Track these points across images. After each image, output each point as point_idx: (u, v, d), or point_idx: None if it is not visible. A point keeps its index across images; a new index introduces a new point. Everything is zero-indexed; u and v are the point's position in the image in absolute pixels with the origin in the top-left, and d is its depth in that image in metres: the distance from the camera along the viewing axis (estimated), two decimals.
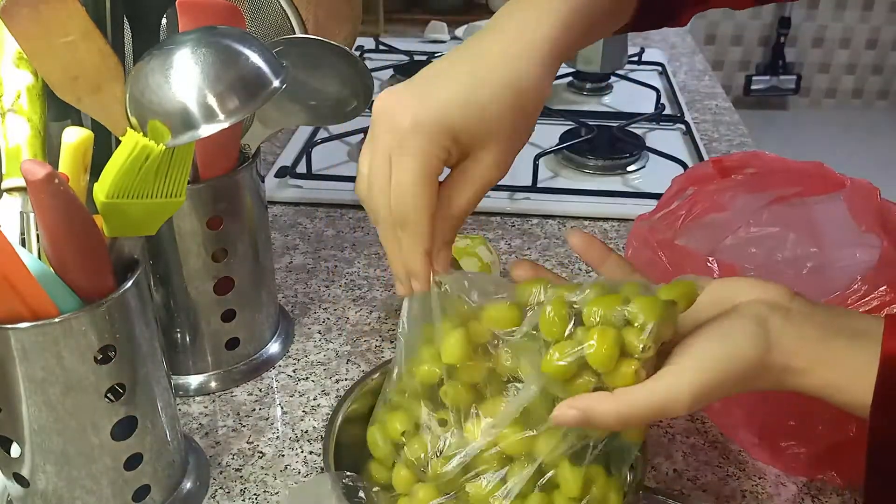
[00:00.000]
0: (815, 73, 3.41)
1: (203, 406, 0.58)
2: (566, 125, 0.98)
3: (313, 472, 0.53)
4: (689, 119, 1.04)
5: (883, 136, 3.26)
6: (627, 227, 0.81)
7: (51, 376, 0.41)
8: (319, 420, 0.57)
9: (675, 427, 0.57)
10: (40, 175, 0.36)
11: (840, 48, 3.36)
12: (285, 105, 0.57)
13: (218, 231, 0.55)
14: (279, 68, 0.43)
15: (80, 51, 0.45)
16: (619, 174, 0.91)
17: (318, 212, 0.83)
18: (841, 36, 3.33)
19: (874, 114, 3.46)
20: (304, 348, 0.64)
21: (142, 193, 0.41)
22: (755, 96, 3.39)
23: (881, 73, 3.41)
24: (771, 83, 3.34)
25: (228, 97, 0.41)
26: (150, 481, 0.48)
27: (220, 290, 0.57)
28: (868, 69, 3.40)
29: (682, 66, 1.28)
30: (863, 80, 3.42)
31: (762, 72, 3.34)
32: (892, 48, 3.35)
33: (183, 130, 0.40)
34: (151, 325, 0.46)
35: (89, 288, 0.42)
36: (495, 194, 0.85)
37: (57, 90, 0.47)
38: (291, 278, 0.72)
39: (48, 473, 0.44)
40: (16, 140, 0.47)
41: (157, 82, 0.41)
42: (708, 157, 0.94)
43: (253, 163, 0.57)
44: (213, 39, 0.42)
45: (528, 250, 0.77)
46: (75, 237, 0.40)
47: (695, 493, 0.52)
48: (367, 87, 0.56)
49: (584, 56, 1.07)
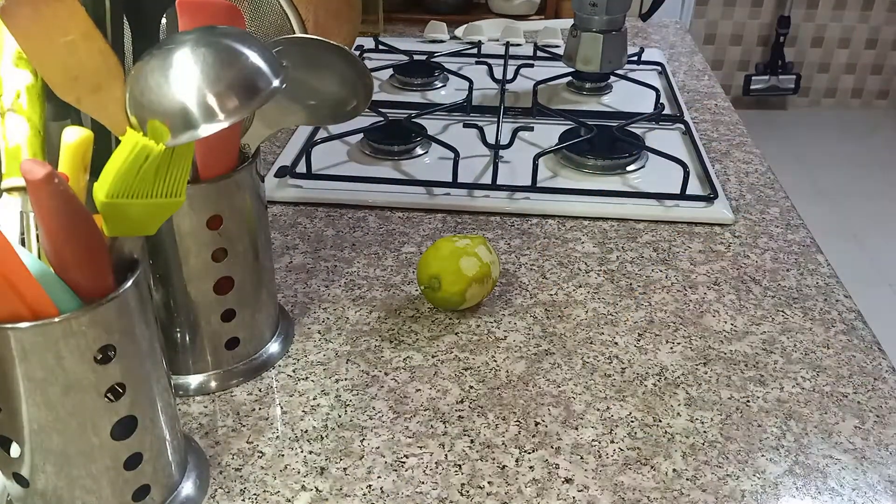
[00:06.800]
0: (814, 73, 3.42)
1: (203, 406, 0.58)
2: (565, 125, 0.98)
3: (313, 471, 0.53)
4: (689, 119, 1.04)
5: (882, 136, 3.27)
6: (627, 227, 0.81)
7: (50, 376, 0.41)
8: (319, 420, 0.57)
9: (674, 427, 0.57)
10: (40, 175, 0.36)
11: (839, 48, 3.36)
12: (285, 105, 0.57)
13: (218, 231, 0.55)
14: (279, 68, 0.43)
15: (79, 51, 0.45)
16: (619, 174, 0.91)
17: (318, 211, 0.83)
18: (840, 36, 3.33)
19: (874, 113, 3.46)
20: (303, 348, 0.64)
21: (142, 193, 0.41)
22: (754, 96, 3.39)
23: (881, 73, 3.41)
24: (770, 83, 3.34)
25: (228, 97, 0.41)
26: (149, 481, 0.48)
27: (220, 289, 0.57)
28: (867, 69, 3.40)
29: (682, 65, 1.28)
30: (862, 79, 3.43)
31: (762, 71, 3.34)
32: (891, 48, 3.35)
33: (183, 130, 0.40)
34: (151, 325, 0.46)
35: (89, 288, 0.42)
36: (495, 194, 0.85)
37: (56, 90, 0.47)
38: (291, 278, 0.72)
39: (48, 473, 0.44)
40: (15, 140, 0.47)
41: (157, 82, 0.41)
42: (707, 157, 0.94)
43: (253, 162, 0.57)
44: (212, 39, 0.42)
45: (528, 250, 0.77)
46: (75, 237, 0.40)
47: (694, 493, 0.52)
48: (366, 86, 0.56)
49: (583, 56, 1.07)
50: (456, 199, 0.84)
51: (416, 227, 0.81)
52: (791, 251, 0.78)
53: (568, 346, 0.65)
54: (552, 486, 0.52)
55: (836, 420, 0.58)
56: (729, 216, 0.83)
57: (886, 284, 2.39)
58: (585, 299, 0.70)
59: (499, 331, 0.66)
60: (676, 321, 0.68)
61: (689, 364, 0.63)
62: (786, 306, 0.70)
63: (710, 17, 3.30)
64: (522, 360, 0.63)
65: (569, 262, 0.76)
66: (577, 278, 0.73)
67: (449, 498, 0.51)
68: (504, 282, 0.72)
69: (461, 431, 0.56)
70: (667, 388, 0.60)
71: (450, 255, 0.66)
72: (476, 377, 0.61)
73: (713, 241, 0.80)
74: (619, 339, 0.66)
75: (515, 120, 1.02)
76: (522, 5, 1.46)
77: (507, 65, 1.19)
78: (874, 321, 0.80)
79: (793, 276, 0.74)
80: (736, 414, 0.58)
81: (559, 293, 0.71)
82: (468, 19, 1.39)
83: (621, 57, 1.08)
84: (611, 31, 1.05)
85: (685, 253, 0.78)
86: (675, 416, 0.58)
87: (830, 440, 0.56)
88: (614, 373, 0.62)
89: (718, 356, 0.64)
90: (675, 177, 0.86)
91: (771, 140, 3.18)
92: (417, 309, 0.68)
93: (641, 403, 0.59)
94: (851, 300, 0.71)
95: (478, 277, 0.65)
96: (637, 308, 0.69)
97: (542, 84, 1.09)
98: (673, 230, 0.81)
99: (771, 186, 0.91)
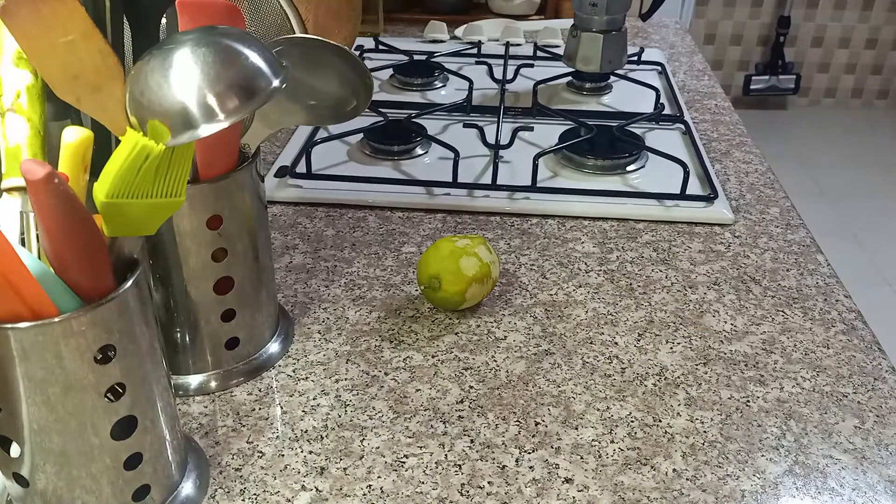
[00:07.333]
0: (814, 73, 3.42)
1: (203, 406, 0.58)
2: (565, 125, 0.98)
3: (313, 471, 0.53)
4: (689, 119, 1.04)
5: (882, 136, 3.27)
6: (627, 227, 0.81)
7: (50, 376, 0.41)
8: (319, 420, 0.57)
9: (674, 427, 0.57)
10: (40, 175, 0.36)
11: (839, 48, 3.36)
12: (285, 105, 0.57)
13: (218, 231, 0.55)
14: (279, 68, 0.43)
15: (79, 50, 0.45)
16: (619, 174, 0.91)
17: (318, 211, 0.83)
18: (840, 35, 3.33)
19: (873, 113, 3.46)
20: (303, 348, 0.64)
21: (141, 193, 0.41)
22: (754, 96, 3.39)
23: (881, 73, 3.41)
24: (770, 83, 3.34)
25: (228, 97, 0.41)
26: (149, 481, 0.48)
27: (220, 289, 0.57)
28: (867, 69, 3.40)
29: (682, 65, 1.28)
30: (862, 79, 3.43)
31: (761, 71, 3.34)
32: (891, 48, 3.35)
33: (182, 130, 0.40)
34: (151, 325, 0.46)
35: (89, 288, 0.42)
36: (495, 194, 0.85)
37: (56, 90, 0.47)
38: (291, 278, 0.72)
39: (48, 473, 0.44)
40: (15, 140, 0.47)
41: (157, 82, 0.41)
42: (707, 157, 0.94)
43: (252, 162, 0.57)
44: (212, 39, 0.42)
45: (528, 250, 0.77)
46: (75, 237, 0.40)
47: (694, 493, 0.52)
48: (366, 86, 0.56)
49: (583, 56, 1.07)
50: (456, 199, 0.84)
51: (416, 227, 0.81)
52: (791, 251, 0.78)
53: (568, 346, 0.65)
54: (552, 486, 0.52)
55: (836, 420, 0.58)
56: (729, 216, 0.83)
57: (886, 284, 2.39)
58: (585, 299, 0.70)
59: (499, 331, 0.66)
60: (676, 321, 0.68)
61: (689, 364, 0.63)
62: (786, 306, 0.70)
63: (710, 17, 3.30)
64: (522, 360, 0.63)
65: (569, 262, 0.76)
66: (577, 278, 0.73)
67: (449, 498, 0.51)
68: (504, 282, 0.72)
69: (461, 431, 0.56)
70: (667, 388, 0.60)
71: (450, 255, 0.66)
72: (476, 377, 0.61)
73: (713, 240, 0.80)
74: (619, 339, 0.66)
75: (515, 120, 1.02)
76: (522, 5, 1.46)
77: (507, 65, 1.19)
78: (874, 321, 0.80)
79: (793, 276, 0.74)
80: (736, 414, 0.58)
81: (559, 293, 0.71)
82: (468, 19, 1.39)
83: (621, 57, 1.08)
84: (611, 31, 1.05)
85: (685, 253, 0.78)
86: (675, 416, 0.58)
87: (830, 440, 0.56)
88: (614, 373, 0.62)
89: (718, 356, 0.64)
90: (675, 177, 0.86)
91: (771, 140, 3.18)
92: (417, 309, 0.68)
93: (641, 403, 0.59)
94: (851, 300, 0.71)
95: (478, 277, 0.65)
96: (637, 308, 0.69)
97: (542, 84, 1.09)
98: (673, 230, 0.81)
99: (771, 186, 0.91)
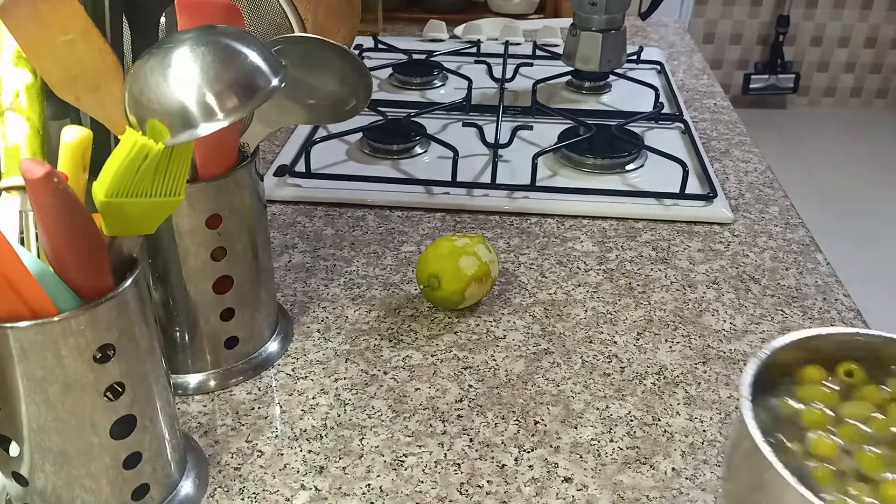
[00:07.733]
0: (813, 72, 3.42)
1: (202, 405, 0.58)
2: (565, 124, 0.98)
3: (312, 470, 0.53)
4: (688, 118, 1.04)
5: (882, 135, 3.27)
6: (626, 226, 0.82)
7: (50, 375, 0.41)
8: (318, 419, 0.57)
9: (673, 426, 0.57)
10: (39, 174, 0.36)
11: (839, 47, 3.36)
12: (284, 104, 0.57)
13: (217, 230, 0.55)
14: (278, 67, 0.43)
15: (79, 50, 0.45)
16: (618, 173, 0.91)
17: (317, 210, 0.83)
18: (840, 35, 3.33)
19: (873, 112, 3.46)
20: (302, 347, 0.64)
21: (141, 192, 0.41)
22: (754, 95, 3.39)
23: (880, 72, 3.41)
24: (769, 82, 3.34)
25: (227, 96, 0.41)
26: (148, 480, 0.48)
27: (219, 288, 0.57)
28: (867, 68, 3.40)
29: (681, 64, 1.28)
30: (861, 78, 3.43)
31: (761, 70, 3.34)
32: (890, 47, 3.35)
33: (182, 129, 0.40)
34: (150, 324, 0.46)
35: (88, 287, 0.42)
36: (494, 193, 0.85)
37: (56, 89, 0.47)
38: (290, 277, 0.72)
39: (47, 472, 0.44)
40: (14, 139, 0.47)
41: (156, 81, 0.41)
42: (706, 156, 0.94)
43: (252, 161, 0.57)
44: (211, 38, 0.42)
45: (527, 249, 0.77)
46: (74, 236, 0.40)
47: (694, 493, 0.52)
48: (366, 85, 0.56)
49: (582, 55, 1.07)
50: (455, 198, 0.84)
51: (415, 226, 0.81)
52: (790, 250, 0.78)
53: (567, 345, 0.65)
54: (551, 485, 0.52)
55: None
56: (728, 215, 0.83)
57: (886, 284, 2.39)
58: (584, 298, 0.70)
59: (498, 330, 0.66)
60: (676, 320, 0.68)
61: (689, 363, 0.63)
62: (785, 305, 0.70)
63: (710, 16, 3.30)
64: (521, 359, 0.63)
65: (568, 261, 0.76)
66: (577, 277, 0.73)
67: (448, 497, 0.51)
68: (503, 281, 0.72)
69: (460, 430, 0.56)
70: (666, 387, 0.60)
71: (449, 254, 0.66)
72: (475, 376, 0.61)
73: (712, 240, 0.80)
74: (619, 338, 0.66)
75: (514, 119, 1.02)
76: (522, 4, 1.46)
77: (507, 64, 1.19)
78: (874, 321, 0.80)
79: (792, 275, 0.74)
80: (735, 413, 0.58)
81: (558, 292, 0.71)
82: (467, 18, 1.39)
83: (620, 56, 1.08)
84: (610, 30, 1.05)
85: (684, 252, 0.78)
86: (675, 415, 0.58)
87: None
88: (613, 372, 0.62)
89: (717, 355, 0.64)
90: (674, 176, 0.86)
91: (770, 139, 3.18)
92: (416, 308, 0.68)
93: (640, 402, 0.59)
94: (851, 299, 0.71)
95: (477, 276, 0.65)
96: (636, 307, 0.69)
97: (541, 83, 1.09)
98: (672, 229, 0.81)
99: (770, 185, 0.91)
